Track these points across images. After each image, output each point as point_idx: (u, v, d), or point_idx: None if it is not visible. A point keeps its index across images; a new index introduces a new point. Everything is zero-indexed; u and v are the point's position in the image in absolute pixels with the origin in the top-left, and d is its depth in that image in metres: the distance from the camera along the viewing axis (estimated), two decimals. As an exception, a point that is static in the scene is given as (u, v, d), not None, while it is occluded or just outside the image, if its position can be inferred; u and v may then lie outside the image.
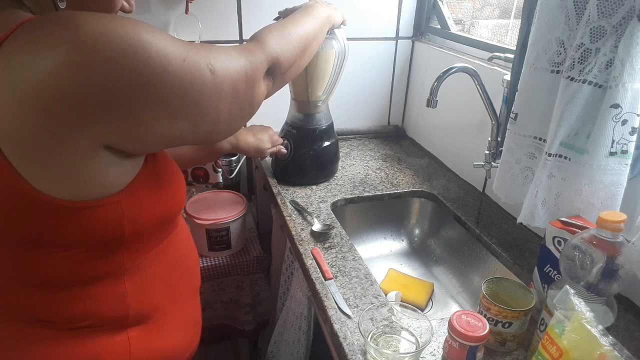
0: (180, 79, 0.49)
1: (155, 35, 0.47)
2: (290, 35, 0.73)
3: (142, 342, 0.63)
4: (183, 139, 0.56)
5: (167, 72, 0.48)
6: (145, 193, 0.58)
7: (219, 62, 0.55)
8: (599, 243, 0.61)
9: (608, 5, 0.65)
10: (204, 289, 1.23)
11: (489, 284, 0.72)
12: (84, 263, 0.55)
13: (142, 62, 0.45)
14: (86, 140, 0.46)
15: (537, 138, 0.82)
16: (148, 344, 0.64)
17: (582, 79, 0.69)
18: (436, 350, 0.71)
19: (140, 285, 0.63)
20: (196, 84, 0.51)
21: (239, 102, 0.60)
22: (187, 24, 1.26)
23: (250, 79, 0.62)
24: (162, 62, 0.47)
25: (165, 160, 0.64)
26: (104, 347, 0.60)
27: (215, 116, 0.57)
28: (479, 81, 1.01)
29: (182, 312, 0.71)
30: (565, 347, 0.55)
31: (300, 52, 0.75)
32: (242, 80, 0.60)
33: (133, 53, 0.44)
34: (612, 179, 0.72)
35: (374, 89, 1.54)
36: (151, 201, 0.59)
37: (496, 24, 1.47)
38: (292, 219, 1.05)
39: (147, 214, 0.59)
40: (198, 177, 1.39)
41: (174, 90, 0.49)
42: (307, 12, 0.83)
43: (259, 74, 0.64)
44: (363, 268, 0.89)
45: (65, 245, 0.52)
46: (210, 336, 1.31)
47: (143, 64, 0.45)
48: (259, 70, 0.64)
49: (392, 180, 1.27)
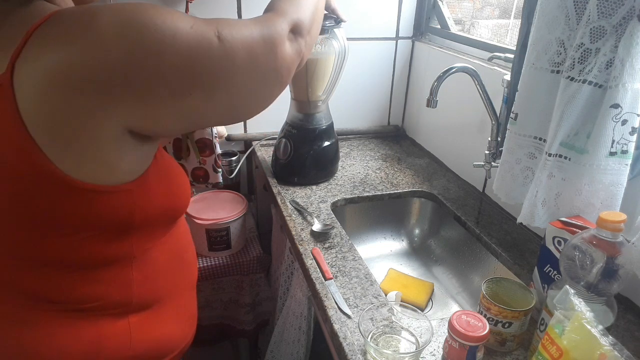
0: (188, 47, 0.50)
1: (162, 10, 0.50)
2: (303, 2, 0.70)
3: (142, 328, 0.65)
4: (202, 115, 0.56)
5: (176, 40, 0.49)
6: (155, 185, 0.60)
7: (228, 29, 0.54)
8: (599, 243, 0.61)
9: (608, 5, 0.65)
10: (203, 287, 1.23)
11: (489, 284, 0.72)
12: (95, 246, 0.57)
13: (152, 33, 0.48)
14: (109, 121, 0.48)
15: (537, 138, 0.82)
16: (147, 330, 0.66)
17: (582, 79, 0.69)
18: (436, 350, 0.71)
19: (146, 273, 0.65)
20: (203, 49, 0.51)
21: (259, 70, 0.59)
22: (187, 24, 1.26)
23: (269, 43, 0.59)
24: (170, 31, 0.49)
25: (170, 160, 0.68)
26: (106, 331, 0.62)
27: (231, 86, 0.56)
28: (479, 81, 1.01)
29: (180, 303, 0.73)
30: (565, 347, 0.55)
31: (314, 8, 0.72)
32: (258, 45, 0.57)
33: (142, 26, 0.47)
34: (612, 179, 0.72)
35: (374, 89, 1.54)
36: (160, 192, 0.61)
37: (496, 24, 1.47)
38: (292, 219, 1.05)
39: (156, 205, 0.61)
40: (198, 177, 1.39)
41: (183, 58, 0.50)
42: None
43: (280, 36, 0.61)
44: (363, 268, 0.89)
45: (79, 227, 0.54)
46: (210, 336, 1.32)
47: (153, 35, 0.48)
48: (278, 33, 0.61)
49: (392, 180, 1.27)
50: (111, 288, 0.61)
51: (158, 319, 0.68)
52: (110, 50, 0.46)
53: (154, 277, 0.67)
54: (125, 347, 0.63)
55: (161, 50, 0.48)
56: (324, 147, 1.20)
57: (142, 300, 0.65)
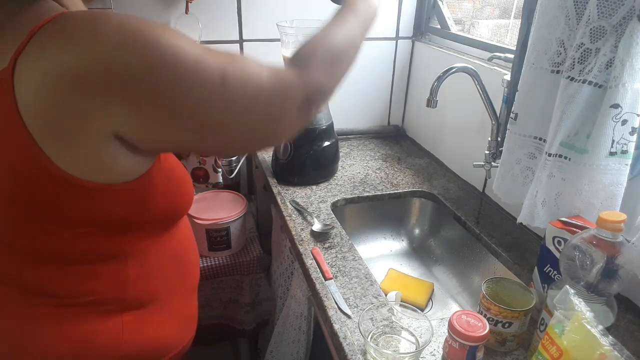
0: (186, 76, 0.49)
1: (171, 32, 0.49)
2: (342, 58, 0.63)
3: (136, 327, 0.65)
4: (186, 146, 0.56)
5: (177, 68, 0.48)
6: (157, 186, 0.60)
7: (236, 73, 0.52)
8: (599, 243, 0.61)
9: (608, 5, 0.65)
10: (203, 287, 1.23)
11: (489, 284, 0.72)
12: (91, 242, 0.57)
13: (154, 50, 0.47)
14: (98, 124, 0.48)
15: (537, 138, 0.82)
16: (141, 329, 0.66)
17: (582, 79, 0.69)
18: (436, 350, 0.71)
19: (141, 272, 0.65)
20: (201, 84, 0.50)
21: (255, 125, 0.55)
22: (187, 24, 1.26)
23: (274, 105, 0.55)
24: (174, 57, 0.48)
25: (175, 162, 0.67)
26: (98, 328, 0.62)
27: (220, 128, 0.54)
28: (479, 81, 1.01)
29: (178, 305, 0.73)
30: (565, 347, 0.55)
31: (346, 71, 0.65)
32: (260, 104, 0.54)
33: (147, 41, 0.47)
34: (612, 179, 0.72)
35: (374, 89, 1.54)
36: (161, 194, 0.61)
37: (496, 24, 1.47)
38: (292, 219, 1.05)
39: (157, 206, 0.61)
40: (198, 177, 1.39)
41: (177, 87, 0.49)
42: (358, 15, 0.70)
43: (289, 103, 0.56)
44: (363, 268, 0.89)
45: (76, 222, 0.55)
46: (210, 336, 1.32)
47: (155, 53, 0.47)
48: (288, 99, 0.56)
49: (392, 180, 1.27)
50: (105, 284, 0.62)
51: (153, 319, 0.67)
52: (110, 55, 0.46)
53: (151, 277, 0.66)
54: (117, 346, 0.63)
55: (159, 70, 0.47)
56: (324, 147, 1.20)
57: (137, 299, 0.65)
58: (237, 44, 1.35)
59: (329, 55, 0.60)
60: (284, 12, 1.33)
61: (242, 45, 1.35)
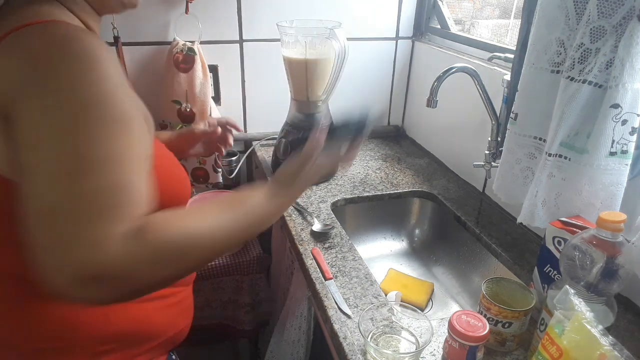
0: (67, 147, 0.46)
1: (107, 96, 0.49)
2: (192, 254, 0.51)
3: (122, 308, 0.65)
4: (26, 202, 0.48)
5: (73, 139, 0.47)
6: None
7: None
8: (599, 243, 0.61)
9: (608, 5, 0.65)
10: (203, 287, 1.23)
11: (489, 284, 0.72)
12: None
13: (81, 82, 0.48)
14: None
15: (537, 138, 0.82)
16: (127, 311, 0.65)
17: (582, 79, 0.69)
18: (436, 350, 0.71)
19: None
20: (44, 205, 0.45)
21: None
22: (187, 24, 1.26)
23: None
24: (76, 129, 0.47)
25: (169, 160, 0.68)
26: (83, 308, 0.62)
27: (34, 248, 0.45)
28: (479, 81, 1.01)
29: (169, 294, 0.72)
30: (565, 347, 0.55)
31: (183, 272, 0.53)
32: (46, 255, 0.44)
33: (76, 68, 0.48)
34: (612, 179, 0.72)
35: (373, 89, 1.54)
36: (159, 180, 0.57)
37: (496, 24, 1.47)
38: (292, 219, 1.05)
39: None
40: (198, 177, 1.39)
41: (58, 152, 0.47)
42: (271, 205, 0.64)
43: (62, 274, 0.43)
44: (363, 268, 0.89)
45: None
46: (210, 336, 1.31)
47: (81, 82, 0.48)
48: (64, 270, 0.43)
49: (392, 180, 1.27)
50: None
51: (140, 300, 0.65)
52: (36, 66, 0.48)
53: None
54: (102, 324, 0.63)
55: (74, 108, 0.47)
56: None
57: None
58: (237, 44, 1.35)
59: (179, 242, 0.49)
60: (284, 12, 1.33)
61: (242, 45, 1.35)
